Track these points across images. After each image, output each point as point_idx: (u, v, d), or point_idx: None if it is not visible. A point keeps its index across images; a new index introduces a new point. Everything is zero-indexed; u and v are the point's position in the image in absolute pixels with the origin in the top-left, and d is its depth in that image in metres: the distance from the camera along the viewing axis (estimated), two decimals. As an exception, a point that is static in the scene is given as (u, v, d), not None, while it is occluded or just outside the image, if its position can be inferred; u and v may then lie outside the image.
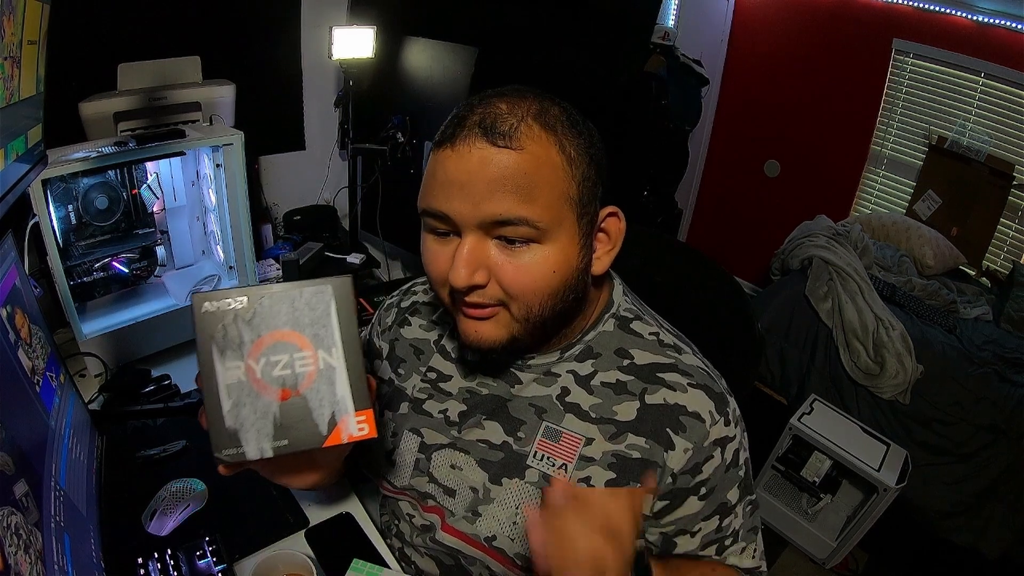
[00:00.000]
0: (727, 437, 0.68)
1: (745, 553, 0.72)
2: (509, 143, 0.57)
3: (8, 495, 0.52)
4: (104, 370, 1.15)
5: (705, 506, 0.68)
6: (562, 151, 0.59)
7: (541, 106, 0.60)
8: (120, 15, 1.62)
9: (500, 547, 0.70)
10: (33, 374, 0.72)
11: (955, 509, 2.02)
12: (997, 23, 2.56)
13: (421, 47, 2.18)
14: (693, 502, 0.67)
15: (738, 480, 0.69)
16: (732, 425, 0.68)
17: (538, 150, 0.58)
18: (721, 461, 0.67)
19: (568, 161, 0.60)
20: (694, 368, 0.70)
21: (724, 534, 0.70)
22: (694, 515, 0.68)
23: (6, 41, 0.59)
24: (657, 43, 3.00)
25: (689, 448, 0.66)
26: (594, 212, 0.64)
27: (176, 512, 0.86)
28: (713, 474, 0.67)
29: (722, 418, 0.67)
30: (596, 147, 0.64)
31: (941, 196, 2.85)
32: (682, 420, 0.66)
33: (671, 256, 1.11)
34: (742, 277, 3.39)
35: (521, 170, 0.57)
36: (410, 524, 0.79)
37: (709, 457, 0.66)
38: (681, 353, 0.71)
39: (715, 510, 0.69)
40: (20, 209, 1.00)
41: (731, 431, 0.68)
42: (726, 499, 0.69)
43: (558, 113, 0.61)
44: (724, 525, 0.69)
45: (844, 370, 2.20)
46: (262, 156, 2.10)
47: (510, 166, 0.57)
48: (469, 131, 0.58)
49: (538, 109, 0.60)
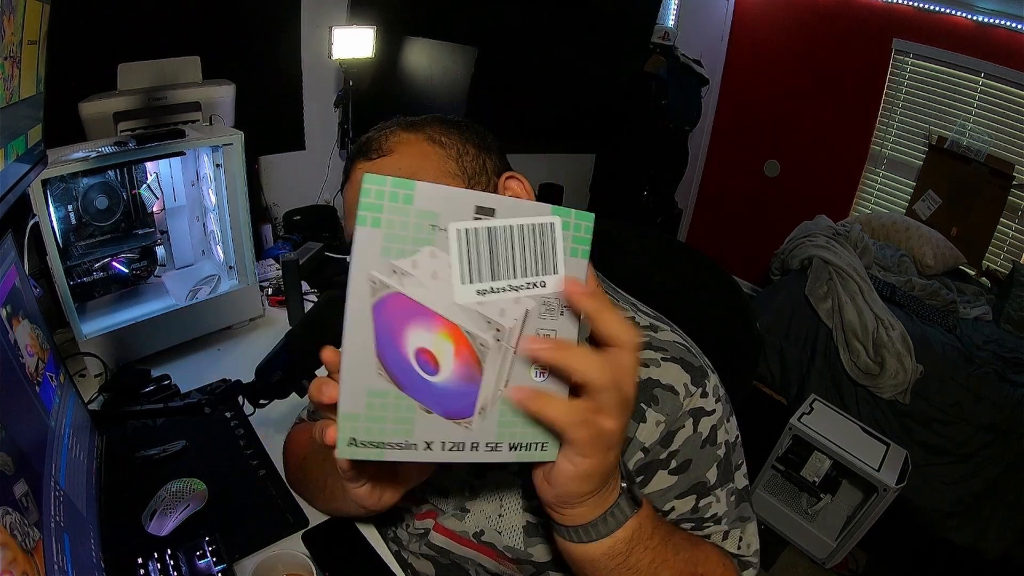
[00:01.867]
0: (702, 409, 0.66)
1: (729, 540, 0.68)
2: (381, 152, 0.66)
3: (8, 495, 0.52)
4: (104, 370, 1.15)
5: (678, 482, 0.65)
6: (431, 140, 0.67)
7: (408, 121, 0.69)
8: (120, 15, 1.62)
9: (489, 541, 0.71)
10: (34, 374, 0.72)
11: (955, 509, 2.02)
12: (997, 23, 2.56)
13: (421, 47, 2.18)
14: (664, 476, 0.65)
15: (716, 459, 0.67)
16: (710, 398, 0.66)
17: (406, 148, 0.66)
18: (694, 432, 0.65)
19: (439, 145, 0.67)
20: (669, 343, 0.69)
21: (701, 515, 0.67)
22: (665, 490, 0.65)
23: (6, 41, 0.59)
24: (657, 43, 3.00)
25: (661, 421, 0.64)
26: (487, 181, 0.68)
27: (176, 512, 0.86)
28: (684, 445, 0.65)
29: (699, 390, 0.66)
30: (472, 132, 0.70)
31: (941, 196, 2.85)
32: (655, 393, 0.65)
33: (671, 256, 1.11)
34: (742, 277, 3.39)
35: (396, 167, 0.64)
36: (406, 529, 0.80)
37: (681, 427, 0.65)
38: (657, 331, 0.70)
39: (690, 488, 0.66)
40: (20, 209, 1.00)
41: (708, 404, 0.66)
42: (703, 478, 0.66)
43: (430, 121, 0.69)
44: (701, 506, 0.66)
45: (844, 370, 2.20)
46: (262, 156, 2.10)
47: (385, 169, 0.64)
48: (350, 161, 0.69)
49: (407, 123, 0.69)
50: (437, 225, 0.39)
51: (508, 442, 0.44)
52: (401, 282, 0.39)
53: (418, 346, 0.41)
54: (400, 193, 0.38)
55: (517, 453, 0.45)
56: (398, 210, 0.38)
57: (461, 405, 0.43)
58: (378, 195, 0.37)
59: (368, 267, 0.39)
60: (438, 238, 0.39)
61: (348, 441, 0.42)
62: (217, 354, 1.29)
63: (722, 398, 0.69)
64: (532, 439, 0.45)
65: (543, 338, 0.42)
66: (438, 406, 0.42)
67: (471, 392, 0.42)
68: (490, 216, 0.40)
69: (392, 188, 0.37)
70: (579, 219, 0.42)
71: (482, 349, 0.41)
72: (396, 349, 0.40)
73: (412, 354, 0.41)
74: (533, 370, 0.43)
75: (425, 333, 0.41)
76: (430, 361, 0.41)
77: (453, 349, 0.41)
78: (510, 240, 0.41)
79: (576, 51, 2.65)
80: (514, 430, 0.44)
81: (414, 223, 0.38)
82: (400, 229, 0.38)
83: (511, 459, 0.45)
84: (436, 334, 0.41)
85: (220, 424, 1.06)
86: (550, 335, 0.43)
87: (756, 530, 0.71)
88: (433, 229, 0.39)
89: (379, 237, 0.38)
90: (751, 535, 0.70)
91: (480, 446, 0.44)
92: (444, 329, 0.41)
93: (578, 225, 0.42)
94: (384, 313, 0.40)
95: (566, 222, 0.41)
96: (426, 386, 0.42)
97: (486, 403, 0.43)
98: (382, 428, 0.42)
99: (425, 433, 0.43)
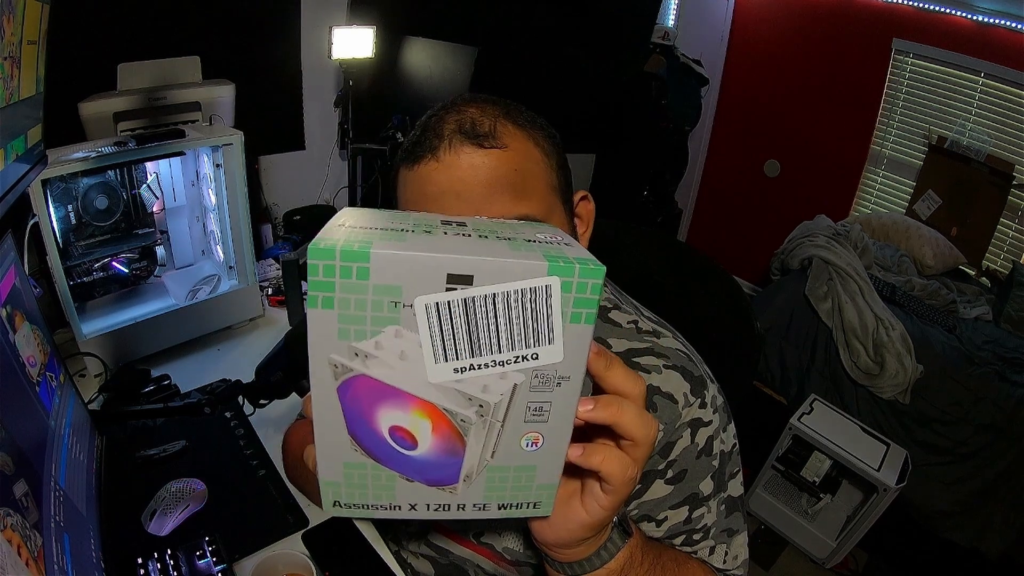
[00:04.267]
0: (700, 420, 0.66)
1: (715, 554, 0.68)
2: (495, 142, 0.57)
3: (8, 495, 0.52)
4: (104, 370, 1.15)
5: (673, 492, 0.66)
6: (537, 144, 0.61)
7: (506, 108, 0.62)
8: (120, 15, 1.62)
9: (488, 542, 0.71)
10: (34, 373, 0.72)
11: (955, 509, 2.02)
12: (997, 23, 2.56)
13: (421, 47, 2.18)
14: (660, 486, 0.65)
15: (711, 471, 0.67)
16: (709, 409, 0.66)
17: (519, 146, 0.59)
18: (691, 443, 0.65)
19: (544, 153, 0.61)
20: (671, 350, 0.68)
21: (693, 527, 0.67)
22: (660, 500, 0.66)
23: (6, 41, 0.59)
24: (657, 43, 3.00)
25: (660, 429, 0.64)
26: (571, 197, 0.66)
27: (176, 512, 0.86)
28: (681, 456, 0.65)
29: (697, 400, 0.66)
30: (558, 139, 0.66)
31: (941, 196, 2.85)
32: (655, 400, 0.65)
33: (671, 256, 1.11)
34: (742, 277, 3.39)
35: (512, 167, 0.57)
36: (406, 529, 0.80)
37: (679, 438, 0.65)
38: (659, 337, 0.70)
39: (684, 500, 0.66)
40: (20, 209, 1.00)
41: (706, 415, 0.66)
42: (697, 489, 0.66)
43: (521, 112, 0.63)
44: (694, 517, 0.66)
45: (844, 370, 2.20)
46: (262, 156, 2.10)
47: (501, 166, 0.56)
48: (450, 139, 0.57)
49: (504, 110, 0.61)
50: (401, 301, 0.33)
51: (497, 503, 0.42)
52: (365, 364, 0.35)
53: (392, 424, 0.37)
54: (353, 268, 0.32)
55: (507, 511, 0.42)
56: (352, 287, 0.32)
57: (444, 475, 0.40)
58: (327, 271, 0.32)
59: (326, 351, 0.34)
60: (403, 315, 0.33)
61: (332, 503, 0.40)
62: (217, 354, 1.29)
63: (720, 408, 0.68)
64: (523, 500, 0.42)
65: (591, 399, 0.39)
66: (419, 476, 0.39)
67: (454, 463, 0.39)
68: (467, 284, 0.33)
69: (343, 263, 0.32)
70: (584, 277, 0.34)
71: (464, 424, 0.37)
72: (368, 427, 0.37)
73: (386, 432, 0.37)
74: (524, 440, 0.39)
75: (398, 412, 0.37)
76: (406, 438, 0.38)
77: (431, 426, 0.37)
78: (493, 310, 0.34)
79: (576, 51, 2.65)
80: (503, 493, 0.41)
81: (372, 301, 0.33)
82: (357, 309, 0.33)
83: (500, 516, 0.43)
84: (410, 413, 0.37)
85: (220, 424, 1.06)
86: (543, 408, 0.38)
87: (745, 541, 0.71)
88: (396, 306, 0.33)
89: (333, 319, 0.33)
90: (739, 547, 0.70)
91: (467, 507, 0.42)
92: (419, 408, 0.37)
93: (583, 285, 0.35)
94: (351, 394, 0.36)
95: (567, 283, 0.34)
96: (405, 459, 0.39)
97: (471, 472, 0.40)
98: (364, 493, 0.40)
99: (408, 497, 0.41)
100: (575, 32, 2.62)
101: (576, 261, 0.34)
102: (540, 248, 0.36)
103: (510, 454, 0.39)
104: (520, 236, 0.38)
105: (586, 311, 0.35)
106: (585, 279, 0.34)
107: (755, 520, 2.11)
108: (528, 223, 0.43)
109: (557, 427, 0.39)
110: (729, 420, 0.71)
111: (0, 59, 0.58)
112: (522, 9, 2.39)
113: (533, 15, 2.44)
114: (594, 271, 0.34)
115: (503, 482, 0.41)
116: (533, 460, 0.40)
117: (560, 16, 2.54)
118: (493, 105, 0.61)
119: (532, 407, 0.38)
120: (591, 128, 3.18)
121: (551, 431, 0.39)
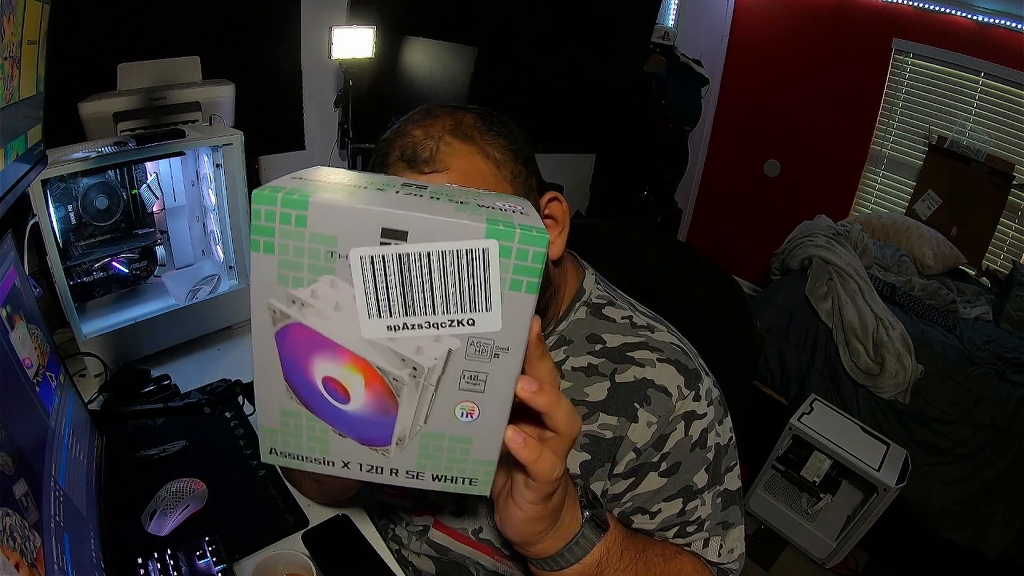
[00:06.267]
0: (694, 412, 0.66)
1: (710, 547, 0.68)
2: (434, 167, 0.58)
3: (8, 495, 0.52)
4: (104, 370, 1.15)
5: (667, 484, 0.66)
6: (486, 157, 0.61)
7: (455, 120, 0.61)
8: (120, 15, 1.62)
9: (487, 539, 0.71)
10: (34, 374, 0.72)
11: (955, 509, 2.02)
12: (997, 23, 2.56)
13: (421, 47, 2.18)
14: (654, 478, 0.66)
15: (705, 463, 0.67)
16: (703, 402, 0.67)
17: (463, 164, 0.59)
18: (685, 436, 0.66)
19: (495, 164, 0.61)
20: (665, 344, 0.69)
21: (686, 519, 0.67)
22: (654, 492, 0.66)
23: (6, 41, 0.59)
24: (657, 43, 3.00)
25: (653, 422, 0.65)
26: (534, 203, 0.65)
27: (176, 512, 0.86)
28: (675, 448, 0.65)
29: (692, 393, 0.66)
30: (519, 143, 0.65)
31: (941, 196, 2.85)
32: (648, 394, 0.65)
33: (671, 256, 1.11)
34: (742, 277, 3.39)
35: None
36: (406, 528, 0.80)
37: (673, 430, 0.65)
38: (654, 332, 0.71)
39: (678, 492, 0.66)
40: (20, 209, 1.00)
41: (700, 407, 0.66)
42: (691, 482, 0.66)
43: (473, 121, 0.62)
44: (687, 510, 0.67)
45: (844, 370, 2.20)
46: (262, 156, 2.10)
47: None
48: (393, 168, 0.59)
49: (452, 124, 0.61)
50: (336, 251, 0.33)
51: (431, 472, 0.41)
52: (301, 312, 0.35)
53: (325, 375, 0.37)
54: (292, 214, 0.32)
55: (442, 484, 0.42)
56: (291, 233, 0.33)
57: (376, 434, 0.39)
58: (268, 216, 0.32)
59: (265, 295, 0.35)
60: (339, 266, 0.33)
61: (268, 450, 0.41)
62: (217, 354, 1.29)
63: (715, 401, 0.69)
64: (458, 473, 0.42)
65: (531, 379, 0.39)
66: (351, 432, 0.39)
67: (387, 423, 0.39)
68: (401, 240, 0.33)
69: (283, 208, 0.32)
70: (526, 243, 0.33)
71: (396, 384, 0.37)
72: (303, 376, 0.37)
73: (320, 382, 0.37)
74: (459, 409, 0.39)
75: (331, 364, 0.37)
76: (339, 390, 0.38)
77: (363, 381, 0.37)
78: (427, 269, 0.34)
79: (576, 51, 2.65)
80: (437, 463, 0.41)
81: (309, 248, 0.33)
82: (295, 255, 0.33)
83: (435, 488, 0.42)
84: (343, 366, 0.37)
85: (220, 424, 1.06)
86: (478, 377, 0.37)
87: (742, 535, 0.71)
88: (332, 256, 0.33)
89: (273, 264, 0.34)
90: (735, 540, 0.70)
91: (400, 472, 0.41)
92: (351, 362, 0.37)
93: (523, 252, 0.33)
94: (288, 341, 0.36)
95: (506, 248, 0.33)
96: (337, 413, 0.39)
97: (403, 436, 0.40)
98: (299, 443, 0.40)
99: (341, 454, 0.41)
100: (575, 32, 2.62)
101: (519, 227, 0.33)
102: (487, 212, 0.35)
103: (444, 422, 0.39)
104: (475, 201, 0.37)
105: (527, 279, 0.34)
106: (526, 245, 0.33)
107: (755, 520, 2.11)
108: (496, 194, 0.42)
109: (494, 401, 0.38)
110: (725, 413, 0.71)
111: (0, 59, 0.58)
112: (522, 9, 2.39)
113: (533, 15, 2.44)
114: (536, 239, 0.33)
115: (437, 451, 0.40)
116: (469, 432, 0.40)
117: (560, 16, 2.54)
118: (444, 118, 0.61)
119: (467, 375, 0.37)
120: (591, 128, 3.19)
121: (487, 404, 0.39)
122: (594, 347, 0.70)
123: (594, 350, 0.70)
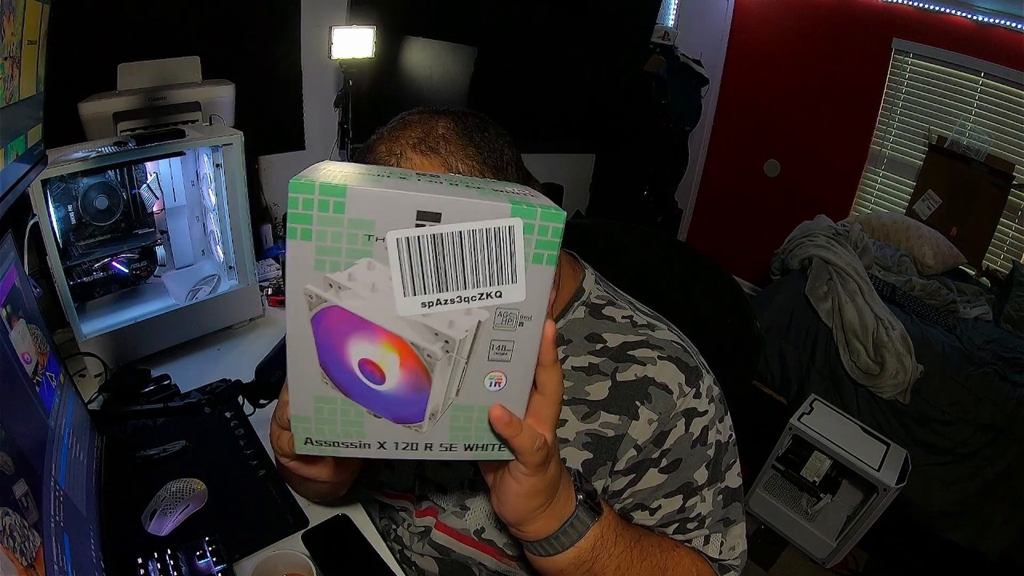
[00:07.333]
0: (694, 410, 0.66)
1: (710, 544, 0.68)
2: None
3: (7, 495, 0.52)
4: (104, 370, 1.15)
5: (667, 481, 0.66)
6: (449, 170, 0.60)
7: (424, 130, 0.60)
8: (120, 15, 1.62)
9: (489, 539, 0.71)
10: (33, 374, 0.72)
11: (955, 509, 2.02)
12: (997, 23, 2.56)
13: (421, 47, 2.18)
14: (654, 474, 0.66)
15: (706, 460, 0.67)
16: (703, 399, 0.67)
17: None
18: (685, 432, 0.66)
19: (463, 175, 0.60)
20: (666, 342, 0.69)
21: (686, 515, 0.67)
22: (654, 488, 0.66)
23: (6, 41, 0.59)
24: (657, 43, 3.00)
25: (654, 419, 0.65)
26: None
27: (176, 512, 0.86)
28: (676, 445, 0.66)
29: (692, 390, 0.66)
30: (493, 152, 0.63)
31: (941, 196, 2.85)
32: (650, 391, 0.66)
33: (671, 256, 1.11)
34: (742, 277, 3.39)
35: None
36: (408, 529, 0.80)
37: (674, 427, 0.66)
38: (654, 330, 0.71)
39: (678, 488, 0.66)
40: (20, 209, 1.00)
41: (701, 405, 0.67)
42: (692, 478, 0.67)
43: (443, 130, 0.61)
44: (688, 506, 0.67)
45: (844, 370, 2.20)
46: (262, 156, 2.09)
47: None
48: None
49: (419, 136, 0.60)
50: (374, 235, 0.35)
51: (463, 443, 0.44)
52: (338, 295, 0.37)
53: (361, 357, 0.39)
54: (330, 201, 0.34)
55: (473, 452, 0.44)
56: (329, 220, 0.34)
57: (410, 412, 0.41)
58: (306, 204, 0.34)
59: (302, 281, 0.36)
60: (376, 249, 0.35)
61: (304, 440, 0.42)
62: (217, 354, 1.29)
63: (715, 399, 0.69)
64: (488, 440, 0.44)
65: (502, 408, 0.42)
66: (386, 412, 0.41)
67: (420, 399, 0.41)
68: (435, 222, 0.35)
69: (321, 196, 0.33)
70: (546, 220, 0.36)
71: (430, 360, 0.39)
72: (339, 360, 0.39)
73: (356, 365, 0.39)
74: (488, 379, 0.41)
75: (368, 345, 0.38)
76: (375, 371, 0.39)
77: (398, 360, 0.39)
78: (460, 247, 0.36)
79: (576, 51, 2.65)
80: (468, 433, 0.43)
81: (347, 234, 0.35)
82: (333, 241, 0.35)
83: (467, 458, 0.45)
84: (379, 346, 0.38)
85: (220, 424, 1.06)
86: (506, 347, 0.40)
87: (743, 532, 0.71)
88: (369, 239, 0.35)
89: (311, 250, 0.35)
90: (736, 537, 0.70)
91: (434, 446, 0.43)
92: (388, 341, 0.38)
93: (544, 228, 0.36)
94: (323, 325, 0.38)
95: (529, 224, 0.36)
96: (373, 394, 0.40)
97: (436, 410, 0.41)
98: (334, 429, 0.42)
99: (376, 435, 0.42)
100: (575, 32, 2.62)
101: (539, 206, 0.36)
102: (506, 196, 0.38)
103: (474, 393, 0.41)
104: (490, 187, 0.41)
105: (547, 252, 0.37)
106: (546, 222, 0.36)
107: (755, 520, 2.11)
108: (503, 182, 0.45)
109: (519, 368, 0.41)
110: (726, 412, 0.71)
111: (0, 59, 0.58)
112: (522, 9, 2.39)
113: (533, 15, 2.44)
114: (555, 215, 0.36)
115: (468, 422, 0.43)
116: (496, 400, 0.42)
117: (560, 16, 2.54)
118: (413, 129, 0.61)
119: (496, 345, 0.40)
120: (591, 128, 3.19)
121: (513, 371, 0.41)
122: (595, 346, 0.70)
123: (595, 349, 0.70)
